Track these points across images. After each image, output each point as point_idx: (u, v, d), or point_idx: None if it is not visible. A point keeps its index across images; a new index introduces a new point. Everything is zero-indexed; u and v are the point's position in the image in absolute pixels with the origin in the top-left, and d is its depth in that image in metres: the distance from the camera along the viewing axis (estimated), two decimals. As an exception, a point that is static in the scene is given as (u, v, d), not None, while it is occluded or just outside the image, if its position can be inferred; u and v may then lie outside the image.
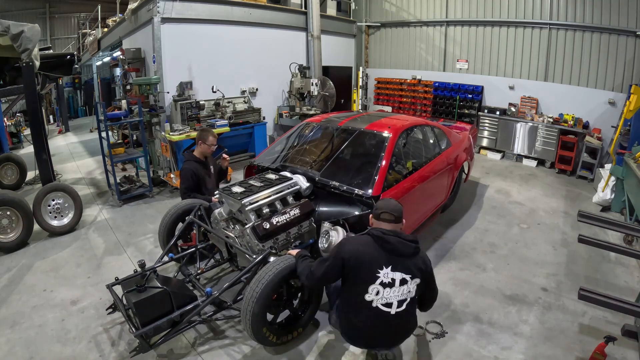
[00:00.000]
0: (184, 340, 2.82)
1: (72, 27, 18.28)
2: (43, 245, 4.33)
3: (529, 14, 7.64)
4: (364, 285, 2.21)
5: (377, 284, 2.20)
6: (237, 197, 3.03)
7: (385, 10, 10.02)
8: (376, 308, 2.22)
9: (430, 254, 4.10)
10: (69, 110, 15.42)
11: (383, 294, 2.21)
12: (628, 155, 4.81)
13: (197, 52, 6.83)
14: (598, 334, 2.87)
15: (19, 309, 3.19)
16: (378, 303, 2.22)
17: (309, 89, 7.76)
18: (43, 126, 4.78)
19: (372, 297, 2.23)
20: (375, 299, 2.24)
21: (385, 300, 2.22)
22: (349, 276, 2.26)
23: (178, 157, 6.34)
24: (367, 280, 2.21)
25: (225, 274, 3.66)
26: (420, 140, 4.45)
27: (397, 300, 2.23)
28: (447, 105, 9.01)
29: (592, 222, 3.16)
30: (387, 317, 2.24)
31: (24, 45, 4.14)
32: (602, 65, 6.95)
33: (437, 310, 3.18)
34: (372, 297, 2.23)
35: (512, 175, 6.95)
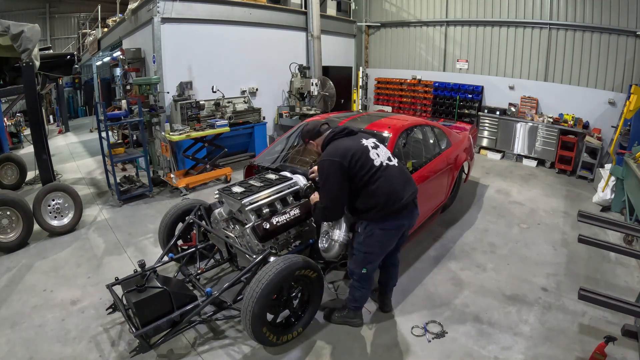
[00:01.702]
0: (184, 340, 2.82)
1: (72, 27, 18.28)
2: (43, 245, 4.34)
3: (529, 14, 7.64)
4: (367, 161, 2.58)
5: (371, 151, 2.63)
6: (237, 197, 3.03)
7: (385, 10, 10.02)
8: (386, 165, 2.63)
9: (430, 254, 4.11)
10: (69, 110, 15.42)
11: (379, 153, 2.66)
12: (628, 155, 4.81)
13: (197, 52, 6.83)
14: (598, 334, 2.87)
15: (19, 309, 3.19)
16: (382, 159, 2.65)
17: (309, 89, 7.76)
18: (43, 126, 4.78)
19: (377, 159, 2.66)
20: (377, 159, 2.65)
21: (384, 157, 2.66)
22: (354, 172, 2.55)
23: (178, 157, 6.35)
24: (367, 153, 2.61)
25: (225, 274, 3.66)
26: (420, 140, 4.45)
27: (387, 157, 2.70)
28: (447, 105, 9.01)
29: (592, 222, 3.15)
30: (396, 168, 2.69)
31: (24, 45, 4.14)
32: (602, 65, 6.95)
33: (437, 310, 3.18)
34: (377, 160, 2.66)
35: (512, 175, 6.95)
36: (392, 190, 2.58)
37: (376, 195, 2.56)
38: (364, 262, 2.71)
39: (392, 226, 2.65)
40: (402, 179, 2.69)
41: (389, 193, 2.56)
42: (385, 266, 3.00)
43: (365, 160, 2.58)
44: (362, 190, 2.58)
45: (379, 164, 2.60)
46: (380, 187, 2.56)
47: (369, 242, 2.64)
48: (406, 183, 2.70)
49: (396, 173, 2.67)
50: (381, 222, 2.61)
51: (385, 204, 2.56)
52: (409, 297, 3.35)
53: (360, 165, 2.55)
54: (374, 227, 2.62)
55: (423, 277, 3.67)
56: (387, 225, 2.63)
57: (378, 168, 2.59)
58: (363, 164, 2.56)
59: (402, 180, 2.68)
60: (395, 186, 2.60)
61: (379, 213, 2.58)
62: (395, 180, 2.62)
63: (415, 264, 3.89)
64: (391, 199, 2.56)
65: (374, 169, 2.58)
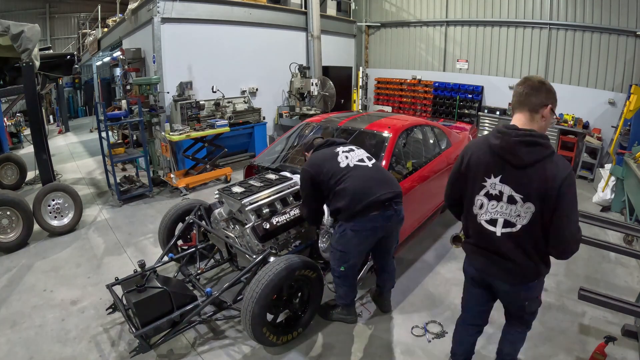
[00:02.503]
0: (184, 341, 2.82)
1: (72, 27, 18.29)
2: (43, 245, 4.33)
3: (529, 14, 7.63)
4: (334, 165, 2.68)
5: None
6: (237, 197, 3.03)
7: (385, 10, 10.02)
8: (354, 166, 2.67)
9: (430, 254, 4.11)
10: (69, 110, 15.42)
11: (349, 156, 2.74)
12: (628, 155, 4.80)
13: (197, 52, 6.83)
14: (598, 334, 2.86)
15: (19, 309, 3.19)
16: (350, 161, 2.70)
17: (309, 89, 7.76)
18: (43, 126, 4.78)
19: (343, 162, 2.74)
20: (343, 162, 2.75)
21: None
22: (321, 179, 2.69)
23: (178, 157, 6.35)
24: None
25: (225, 274, 3.66)
26: (420, 140, 4.45)
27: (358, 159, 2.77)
28: (447, 105, 9.01)
29: (592, 222, 3.16)
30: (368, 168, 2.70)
31: (24, 45, 4.14)
32: (602, 65, 6.94)
33: (437, 310, 3.18)
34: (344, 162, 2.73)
35: (512, 175, 6.93)
36: (358, 189, 2.57)
37: (342, 196, 2.58)
38: (340, 261, 2.71)
39: (362, 227, 2.59)
40: (374, 178, 2.66)
41: (354, 192, 2.56)
42: (379, 270, 3.02)
43: (331, 165, 2.69)
44: (332, 192, 2.66)
45: (344, 166, 2.68)
46: (346, 187, 2.59)
47: (342, 241, 2.66)
48: (379, 183, 2.64)
49: (366, 173, 2.67)
50: (350, 222, 2.60)
51: (350, 202, 2.55)
52: (409, 297, 3.35)
53: (327, 170, 2.67)
54: (346, 227, 2.62)
55: (423, 277, 3.67)
56: (357, 226, 2.58)
57: (344, 170, 2.66)
58: (329, 169, 2.67)
59: (373, 179, 2.65)
60: (361, 185, 2.58)
61: (346, 213, 2.59)
62: (363, 180, 2.61)
63: (415, 264, 3.89)
64: (356, 198, 2.55)
65: (340, 171, 2.65)
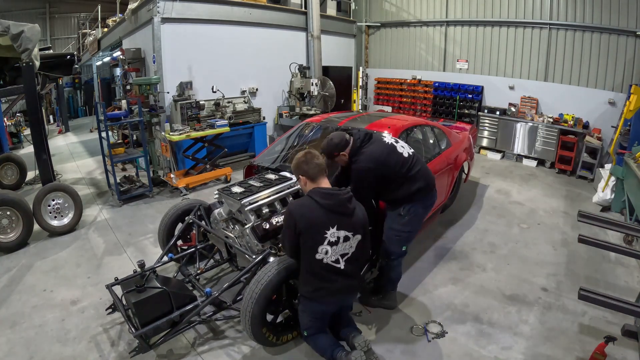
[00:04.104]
0: (183, 341, 2.82)
1: (72, 27, 18.28)
2: (43, 245, 4.33)
3: (529, 14, 7.63)
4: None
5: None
6: (237, 197, 3.03)
7: (385, 10, 10.02)
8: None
9: (430, 254, 4.11)
10: (69, 110, 15.42)
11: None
12: (628, 155, 4.80)
13: (197, 52, 6.83)
14: (598, 334, 2.86)
15: (19, 309, 3.19)
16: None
17: (309, 89, 7.76)
18: (43, 126, 4.78)
19: (404, 151, 2.92)
20: (404, 151, 2.92)
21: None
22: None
23: (178, 157, 6.35)
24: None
25: (225, 274, 3.66)
26: (420, 140, 4.44)
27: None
28: (447, 105, 9.01)
29: (592, 222, 3.15)
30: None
31: (24, 45, 4.14)
32: (602, 65, 6.94)
33: (437, 310, 3.18)
34: (405, 152, 2.92)
35: (512, 175, 6.95)
36: (427, 172, 3.03)
37: (418, 179, 2.92)
38: (407, 241, 3.02)
39: (431, 202, 3.08)
40: (424, 163, 3.13)
41: (426, 175, 3.00)
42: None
43: (397, 157, 2.90)
44: (403, 180, 2.89)
45: (407, 155, 2.95)
46: (420, 172, 2.94)
47: (413, 221, 2.98)
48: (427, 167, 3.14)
49: (420, 159, 3.09)
50: (423, 201, 3.00)
51: (427, 185, 2.97)
52: (409, 297, 3.35)
53: (395, 163, 2.87)
54: (418, 207, 2.97)
55: (423, 277, 3.67)
56: (427, 203, 3.05)
57: (409, 159, 2.94)
58: (397, 161, 2.88)
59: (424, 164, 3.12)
60: (427, 169, 3.07)
61: (423, 192, 2.95)
62: (424, 165, 3.07)
63: (416, 264, 3.89)
64: (429, 179, 3.00)
65: (407, 160, 2.92)
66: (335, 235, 2.35)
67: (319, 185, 2.45)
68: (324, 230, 2.33)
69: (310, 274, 2.41)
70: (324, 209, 2.34)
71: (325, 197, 2.36)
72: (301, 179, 2.50)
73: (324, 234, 2.33)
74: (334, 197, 2.37)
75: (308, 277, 2.42)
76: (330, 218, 2.34)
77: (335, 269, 2.38)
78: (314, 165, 2.44)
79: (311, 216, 2.33)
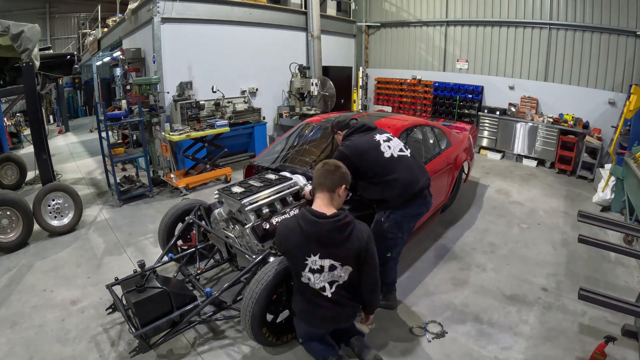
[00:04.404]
0: (183, 341, 2.82)
1: (72, 27, 18.28)
2: (43, 245, 4.33)
3: (529, 14, 7.63)
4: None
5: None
6: (237, 197, 3.03)
7: (385, 10, 10.02)
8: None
9: (430, 253, 4.11)
10: (69, 110, 15.42)
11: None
12: (628, 155, 4.80)
13: (197, 52, 6.83)
14: (598, 334, 2.86)
15: (19, 309, 3.19)
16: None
17: (309, 89, 7.76)
18: (43, 126, 4.78)
19: (387, 152, 2.82)
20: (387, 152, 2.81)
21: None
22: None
23: (178, 157, 6.35)
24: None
25: (225, 274, 3.66)
26: (420, 140, 4.45)
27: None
28: (447, 105, 9.01)
29: (592, 222, 3.15)
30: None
31: (24, 45, 4.14)
32: (602, 65, 6.94)
33: (437, 310, 3.18)
34: (388, 152, 2.81)
35: (512, 175, 6.95)
36: (408, 179, 2.81)
37: (394, 186, 2.78)
38: (389, 248, 2.89)
39: (413, 213, 2.89)
40: (416, 167, 2.95)
41: (406, 182, 2.80)
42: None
43: (376, 155, 2.81)
44: (379, 181, 2.79)
45: (389, 156, 2.82)
46: (398, 178, 2.78)
47: (393, 229, 2.85)
48: (420, 172, 2.94)
49: (410, 163, 2.91)
50: (402, 209, 2.83)
51: (404, 192, 2.79)
52: (409, 297, 3.35)
53: (371, 160, 2.79)
54: (397, 215, 2.83)
55: (423, 277, 3.67)
56: (408, 213, 2.86)
57: (389, 160, 2.81)
58: (374, 159, 2.80)
59: (416, 169, 2.92)
60: (409, 176, 2.83)
61: (398, 200, 2.80)
62: (410, 171, 2.85)
63: (415, 264, 3.89)
64: (409, 187, 2.80)
65: (386, 162, 2.81)
66: (318, 263, 2.20)
67: (315, 201, 2.32)
68: (304, 256, 2.22)
69: (299, 293, 2.38)
70: (305, 235, 2.20)
71: (307, 224, 2.20)
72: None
73: (304, 261, 2.22)
74: (317, 225, 2.17)
75: (297, 296, 2.41)
76: (310, 246, 2.20)
77: (322, 296, 2.27)
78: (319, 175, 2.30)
79: (290, 241, 2.25)
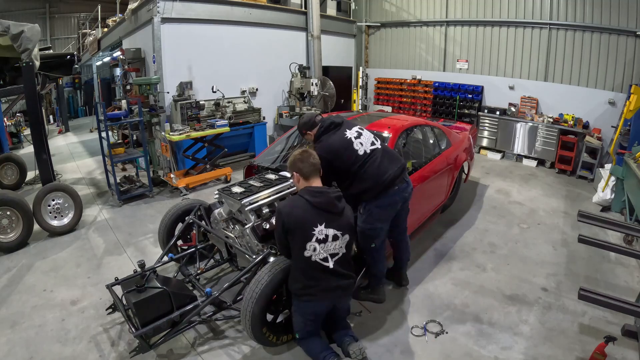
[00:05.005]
0: (183, 341, 2.82)
1: (72, 27, 18.28)
2: (43, 245, 4.33)
3: (529, 14, 7.63)
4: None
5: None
6: (237, 197, 3.03)
7: (385, 10, 10.02)
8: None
9: (430, 253, 4.11)
10: (69, 110, 15.42)
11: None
12: (628, 155, 4.80)
13: (197, 52, 6.83)
14: (598, 334, 2.87)
15: (19, 309, 3.19)
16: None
17: (309, 89, 7.76)
18: (43, 126, 4.77)
19: (360, 149, 2.89)
20: (360, 149, 2.88)
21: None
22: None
23: (178, 157, 6.36)
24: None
25: (225, 274, 3.66)
26: (420, 140, 4.45)
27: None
28: (447, 105, 9.01)
29: (592, 222, 3.16)
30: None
31: (24, 45, 4.14)
32: (602, 65, 6.94)
33: (437, 310, 3.18)
34: (361, 149, 2.88)
35: (512, 175, 6.95)
36: (378, 172, 2.90)
37: (365, 179, 2.87)
38: (371, 239, 2.96)
39: (386, 202, 2.94)
40: (387, 158, 2.99)
41: (376, 175, 2.88)
42: (396, 244, 3.32)
43: (350, 154, 2.89)
44: (354, 177, 2.89)
45: (362, 153, 2.91)
46: (368, 171, 2.88)
47: (369, 219, 2.92)
48: (390, 162, 2.99)
49: (380, 155, 2.96)
50: (375, 201, 2.91)
51: (375, 185, 2.87)
52: (409, 297, 3.35)
53: (347, 158, 2.88)
54: (371, 206, 2.92)
55: (423, 277, 3.67)
56: (381, 203, 2.92)
57: (363, 156, 2.90)
58: (349, 157, 2.88)
59: (386, 160, 2.97)
60: (380, 168, 2.91)
61: (371, 192, 2.89)
62: (380, 163, 2.92)
63: (415, 264, 3.89)
64: (379, 180, 2.88)
65: (359, 158, 2.89)
66: (324, 232, 2.39)
67: (311, 184, 2.52)
68: (312, 227, 2.37)
69: (299, 271, 2.44)
70: (313, 206, 2.39)
71: (314, 195, 2.42)
72: (295, 175, 2.56)
73: (312, 231, 2.37)
74: (323, 195, 2.44)
75: (297, 275, 2.45)
76: (318, 215, 2.39)
77: (324, 268, 2.41)
78: (308, 164, 2.50)
79: (299, 213, 2.38)
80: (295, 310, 2.54)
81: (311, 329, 2.55)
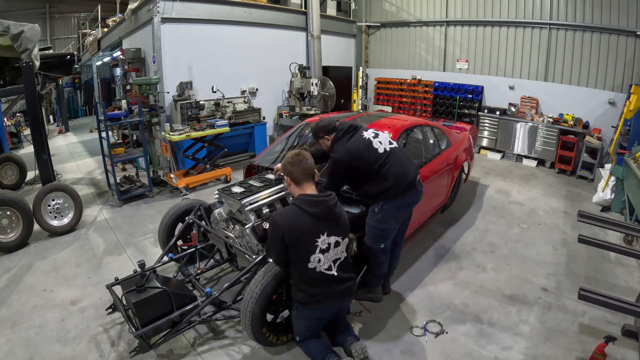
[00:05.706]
0: (183, 341, 2.82)
1: (72, 27, 18.28)
2: (43, 245, 4.33)
3: (529, 14, 7.63)
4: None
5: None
6: (237, 197, 3.03)
7: (385, 10, 10.02)
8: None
9: (430, 253, 4.11)
10: (69, 110, 15.41)
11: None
12: (628, 155, 4.80)
13: (197, 52, 6.83)
14: (598, 334, 2.87)
15: (19, 309, 3.19)
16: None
17: (309, 89, 7.76)
18: (43, 126, 4.78)
19: (380, 147, 2.86)
20: (380, 147, 2.86)
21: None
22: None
23: (178, 157, 6.36)
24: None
25: (225, 274, 3.66)
26: (420, 140, 4.45)
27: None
28: (447, 105, 9.01)
29: (592, 222, 3.16)
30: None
31: (24, 45, 4.14)
32: (602, 65, 6.94)
33: (437, 310, 3.18)
34: (381, 148, 2.86)
35: (512, 175, 6.95)
36: (401, 171, 2.88)
37: (388, 178, 2.84)
38: (382, 238, 2.93)
39: (404, 203, 2.94)
40: (406, 159, 3.03)
41: (399, 175, 2.86)
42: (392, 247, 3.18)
43: (371, 154, 2.86)
44: (374, 176, 2.85)
45: (382, 151, 2.88)
46: (390, 170, 2.85)
47: (386, 219, 2.89)
48: (409, 163, 3.04)
49: (400, 155, 2.98)
50: (395, 200, 2.88)
51: (397, 184, 2.85)
52: (409, 297, 3.35)
53: (368, 158, 2.84)
54: (390, 206, 2.87)
55: (423, 277, 3.67)
56: (400, 203, 2.91)
57: (383, 154, 2.87)
58: (370, 157, 2.84)
59: (405, 161, 3.00)
60: (401, 167, 2.90)
61: (391, 192, 2.85)
62: (400, 163, 2.92)
63: (415, 264, 3.89)
64: (401, 180, 2.87)
65: (380, 156, 2.86)
66: (326, 242, 2.34)
67: (304, 190, 2.41)
68: (315, 239, 2.30)
69: (304, 282, 2.39)
70: (313, 217, 2.30)
71: (312, 205, 2.32)
72: (286, 179, 2.50)
73: (315, 243, 2.30)
74: (322, 204, 2.35)
75: (301, 286, 2.41)
76: (320, 226, 2.32)
77: (329, 277, 2.37)
78: (300, 169, 2.39)
79: (300, 227, 2.28)
80: (298, 317, 2.51)
81: (312, 332, 2.55)
